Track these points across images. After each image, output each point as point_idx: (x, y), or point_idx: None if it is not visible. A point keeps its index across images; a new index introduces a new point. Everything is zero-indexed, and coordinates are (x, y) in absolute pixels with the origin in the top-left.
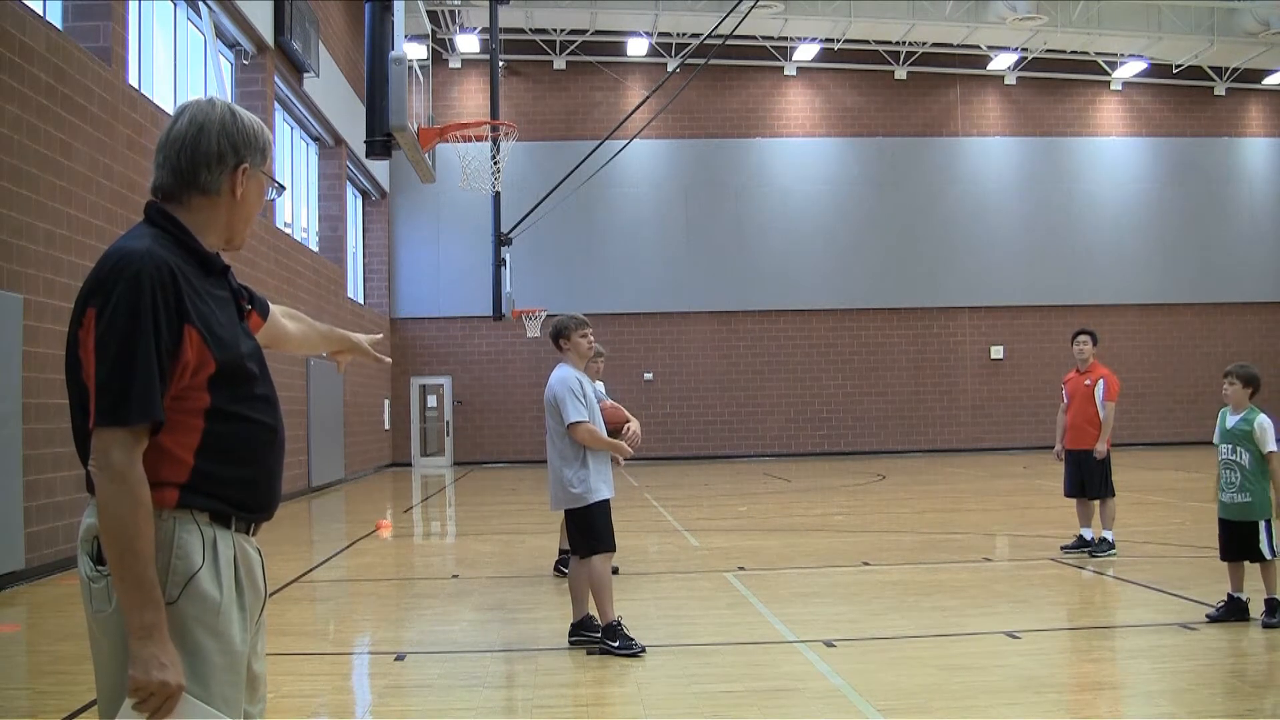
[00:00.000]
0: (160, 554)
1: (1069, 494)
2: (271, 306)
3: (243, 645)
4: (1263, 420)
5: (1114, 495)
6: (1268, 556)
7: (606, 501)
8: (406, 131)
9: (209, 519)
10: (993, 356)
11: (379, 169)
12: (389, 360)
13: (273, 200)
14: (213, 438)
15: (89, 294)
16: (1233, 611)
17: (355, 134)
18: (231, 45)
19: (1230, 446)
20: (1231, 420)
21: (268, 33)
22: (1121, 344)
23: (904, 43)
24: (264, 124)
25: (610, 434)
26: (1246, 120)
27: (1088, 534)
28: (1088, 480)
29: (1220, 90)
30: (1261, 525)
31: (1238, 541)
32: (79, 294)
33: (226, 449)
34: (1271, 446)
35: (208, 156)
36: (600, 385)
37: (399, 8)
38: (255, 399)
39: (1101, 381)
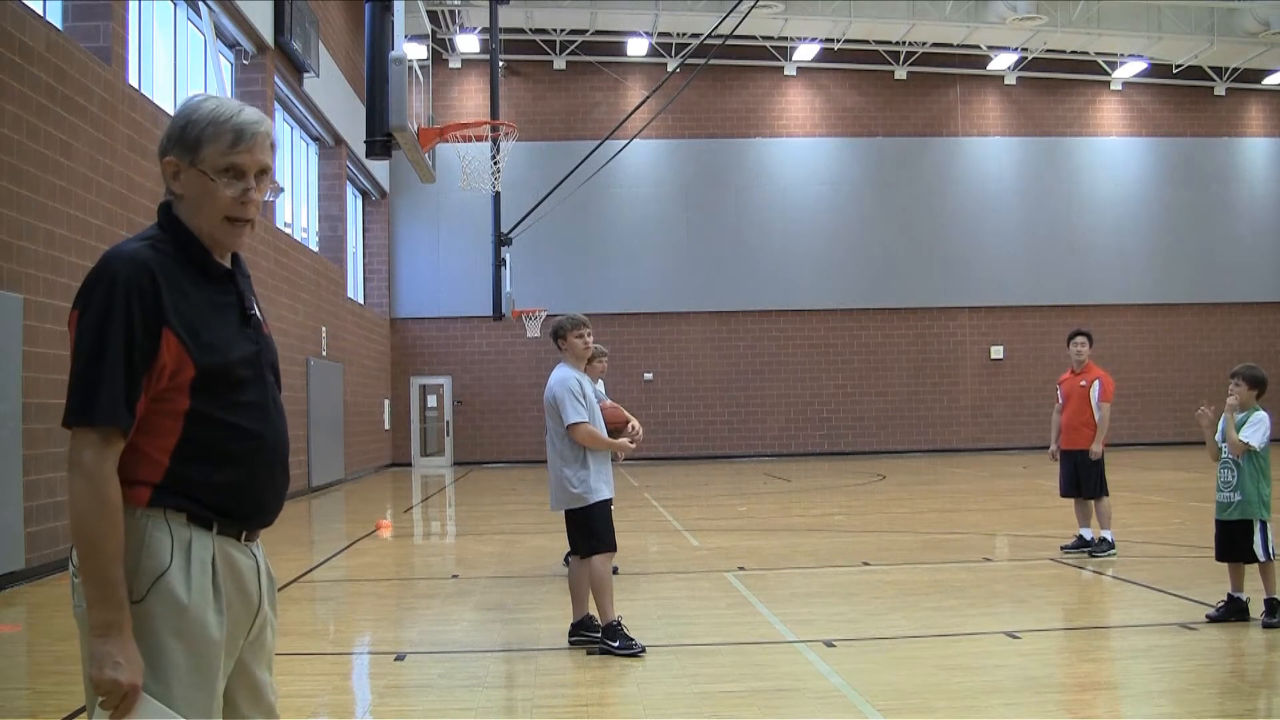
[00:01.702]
0: (131, 552)
1: (1065, 494)
2: None
3: (216, 648)
4: (1260, 414)
5: (1108, 495)
6: (1260, 558)
7: (607, 501)
8: (406, 131)
9: (186, 520)
10: (993, 356)
11: (379, 169)
12: None
13: (267, 199)
14: (189, 441)
15: (76, 297)
16: (1233, 611)
17: (355, 134)
18: (231, 45)
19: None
20: (1236, 418)
21: (268, 33)
22: (1121, 344)
23: (904, 43)
24: (224, 115)
25: (611, 434)
26: (1246, 120)
27: (1087, 534)
28: (1083, 480)
29: (1220, 90)
30: (1256, 526)
31: (1232, 542)
32: None
33: (203, 452)
34: (1249, 438)
35: (158, 155)
36: (600, 385)
37: (399, 8)
38: (241, 405)
39: (1097, 383)
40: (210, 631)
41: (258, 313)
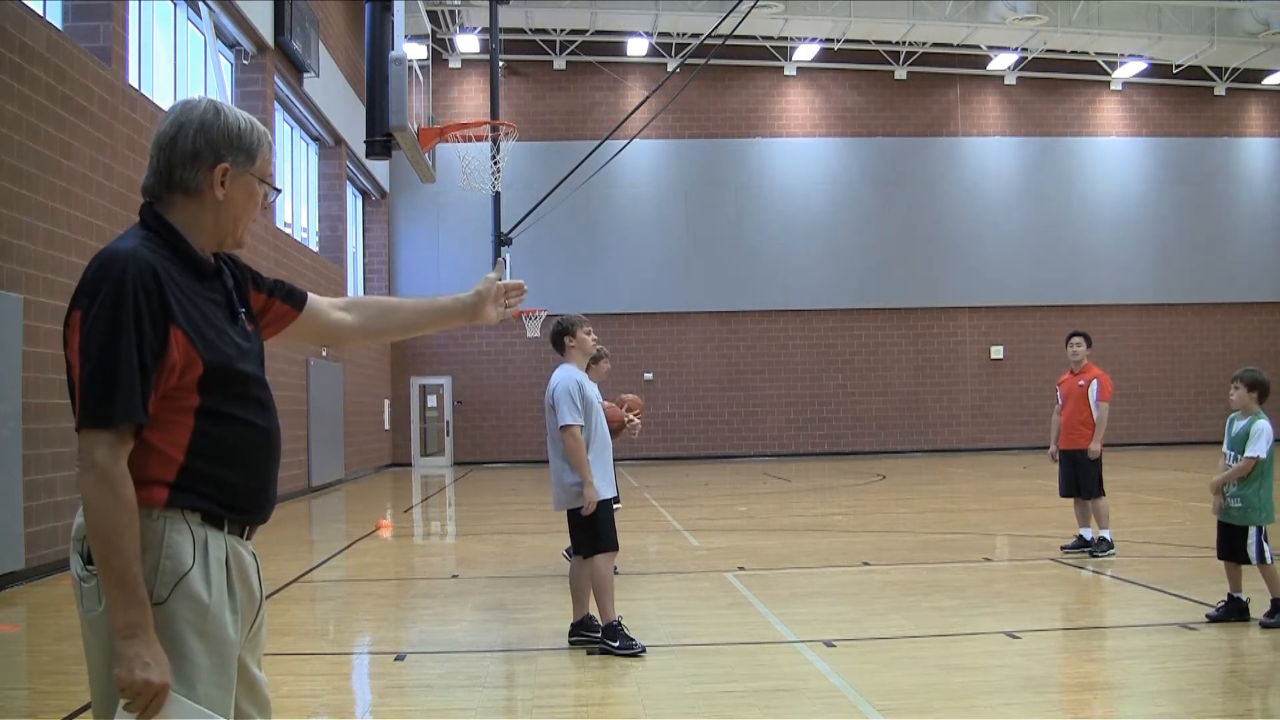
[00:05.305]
0: (150, 553)
1: (1064, 494)
2: (316, 299)
3: (234, 647)
4: (1261, 424)
5: (1104, 494)
6: (1253, 561)
7: (608, 501)
8: (406, 131)
9: (200, 519)
10: (993, 356)
11: (379, 169)
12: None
13: (272, 203)
14: (203, 436)
15: (76, 296)
16: (1233, 611)
17: (355, 134)
18: (231, 45)
19: (1233, 454)
20: (1238, 426)
21: (268, 33)
22: (1121, 344)
23: (904, 43)
24: (259, 125)
25: (611, 433)
26: (1246, 120)
27: (1087, 534)
28: (1082, 480)
29: (1220, 90)
30: (1251, 530)
31: (1230, 541)
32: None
33: (217, 449)
34: (1255, 451)
35: (183, 155)
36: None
37: (399, 8)
38: (248, 400)
39: (1095, 382)
40: (228, 630)
41: (244, 311)
